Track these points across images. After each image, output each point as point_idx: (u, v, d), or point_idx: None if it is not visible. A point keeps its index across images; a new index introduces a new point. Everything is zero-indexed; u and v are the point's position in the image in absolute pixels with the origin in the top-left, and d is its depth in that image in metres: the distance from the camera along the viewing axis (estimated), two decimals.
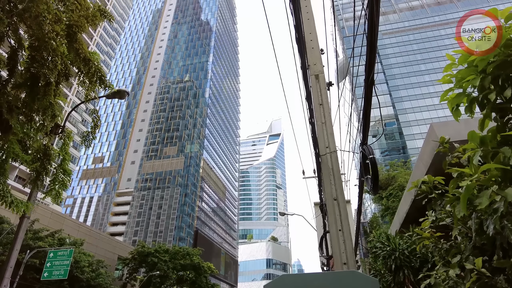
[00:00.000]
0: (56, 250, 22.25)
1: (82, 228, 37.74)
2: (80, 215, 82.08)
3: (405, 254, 8.27)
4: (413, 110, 69.81)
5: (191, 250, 38.03)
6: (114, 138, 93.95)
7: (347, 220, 3.82)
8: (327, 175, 4.07)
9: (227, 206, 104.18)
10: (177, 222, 72.74)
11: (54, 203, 7.87)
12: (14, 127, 6.22)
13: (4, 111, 6.21)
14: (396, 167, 30.77)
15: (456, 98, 3.42)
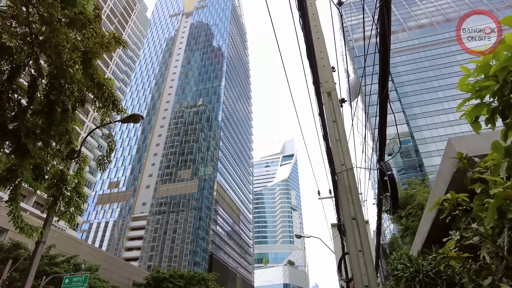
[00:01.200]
0: (71, 276, 22.21)
1: (98, 253, 37.74)
2: (95, 240, 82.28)
3: (430, 276, 7.82)
4: (428, 127, 68.67)
5: (206, 275, 37.34)
6: (129, 162, 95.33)
7: (367, 240, 3.65)
8: (344, 194, 3.94)
9: (241, 229, 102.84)
10: (192, 247, 71.96)
11: (68, 226, 7.90)
12: (32, 150, 6.34)
13: (22, 135, 6.36)
14: (414, 185, 29.92)
15: (476, 109, 3.29)
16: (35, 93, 7.41)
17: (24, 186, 29.48)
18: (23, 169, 6.56)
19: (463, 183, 7.17)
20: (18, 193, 6.71)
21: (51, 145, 8.00)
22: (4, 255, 23.01)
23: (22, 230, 6.48)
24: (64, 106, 6.58)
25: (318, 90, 4.75)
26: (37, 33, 7.71)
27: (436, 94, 71.44)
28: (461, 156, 4.08)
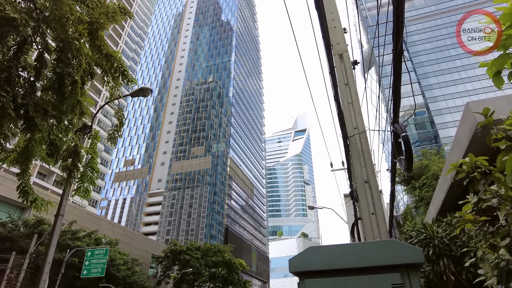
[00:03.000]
0: (93, 249, 23.18)
1: (117, 228, 39.13)
2: (114, 216, 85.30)
3: (445, 242, 7.77)
4: (445, 98, 66.67)
5: (222, 247, 38.42)
6: (143, 141, 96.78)
7: (380, 202, 3.57)
8: (357, 157, 3.83)
9: (255, 203, 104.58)
10: (208, 220, 73.90)
11: (83, 198, 8.09)
12: (39, 124, 6.39)
13: (30, 109, 6.40)
14: (429, 156, 29.40)
15: (498, 60, 3.06)
16: (42, 67, 7.40)
17: (43, 165, 30.23)
18: (34, 143, 6.64)
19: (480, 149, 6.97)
20: (28, 168, 6.83)
21: (63, 121, 8.07)
22: (29, 231, 24.09)
23: (33, 203, 6.65)
24: (72, 78, 6.55)
25: (329, 52, 4.55)
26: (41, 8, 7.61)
27: (453, 63, 68.80)
28: (487, 112, 3.88)
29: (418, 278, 1.76)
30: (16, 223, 24.78)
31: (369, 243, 1.97)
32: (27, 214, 27.86)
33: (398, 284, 1.75)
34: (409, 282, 1.77)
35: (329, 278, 1.88)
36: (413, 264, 1.79)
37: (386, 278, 1.79)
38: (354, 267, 1.87)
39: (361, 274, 1.83)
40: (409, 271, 1.78)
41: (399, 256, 1.81)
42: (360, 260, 1.87)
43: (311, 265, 1.94)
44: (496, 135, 3.65)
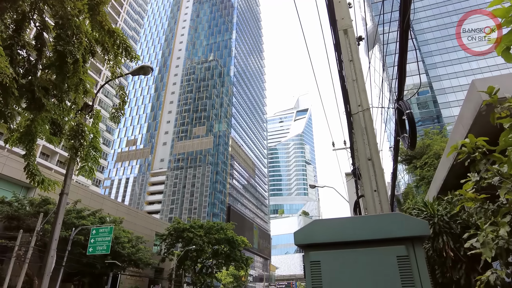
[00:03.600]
0: (98, 228, 23.65)
1: (121, 207, 39.73)
2: (118, 196, 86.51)
3: (445, 220, 7.87)
4: (449, 77, 65.68)
5: (224, 225, 39.09)
6: (145, 120, 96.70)
7: (382, 179, 3.59)
8: (360, 135, 3.83)
9: (257, 183, 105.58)
10: (210, 199, 74.92)
11: (87, 177, 8.18)
12: (47, 105, 6.37)
13: (36, 90, 6.36)
14: (431, 135, 29.37)
15: (507, 37, 3.00)
16: (43, 46, 7.30)
17: (46, 145, 30.52)
18: (37, 123, 6.64)
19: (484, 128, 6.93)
20: (33, 149, 6.86)
21: (65, 100, 8.04)
22: (35, 209, 24.51)
23: (41, 184, 6.72)
24: (74, 57, 6.47)
25: (334, 28, 4.45)
26: None
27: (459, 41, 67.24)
28: (491, 90, 3.84)
29: (423, 250, 1.79)
30: (22, 202, 25.18)
31: (374, 216, 1.99)
32: (32, 193, 28.26)
33: (403, 256, 1.78)
34: (414, 254, 1.79)
35: (334, 251, 1.91)
36: (418, 237, 1.81)
37: (391, 250, 1.81)
38: (359, 240, 1.89)
39: (366, 246, 1.86)
40: (414, 244, 1.81)
41: (405, 229, 1.83)
42: (365, 233, 1.89)
43: (316, 237, 1.97)
44: (500, 114, 3.62)
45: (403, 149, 27.43)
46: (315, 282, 1.88)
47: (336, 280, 1.85)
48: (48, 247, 7.79)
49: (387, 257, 1.80)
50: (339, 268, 1.87)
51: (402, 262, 1.77)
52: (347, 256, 1.89)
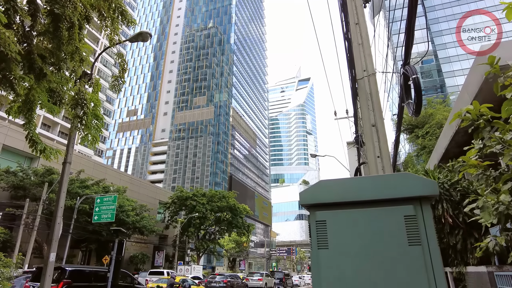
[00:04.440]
0: (102, 196, 24.13)
1: (124, 176, 40.30)
2: (120, 166, 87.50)
3: (445, 187, 7.95)
4: (455, 44, 63.84)
5: (226, 193, 39.82)
6: (144, 90, 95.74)
7: (386, 145, 3.57)
8: (365, 100, 3.75)
9: (258, 153, 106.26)
10: (212, 169, 75.79)
11: (90, 146, 8.19)
12: (48, 74, 6.24)
13: (36, 58, 6.21)
14: (434, 105, 29.10)
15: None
16: (37, 13, 7.04)
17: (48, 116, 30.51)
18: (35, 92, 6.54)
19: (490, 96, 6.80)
20: (32, 117, 6.79)
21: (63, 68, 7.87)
22: (40, 179, 24.91)
23: (43, 153, 6.72)
24: (70, 22, 6.25)
25: None
26: None
27: (468, 6, 64.81)
28: (492, 61, 3.72)
29: (431, 210, 1.79)
30: (26, 172, 25.54)
31: (382, 176, 1.98)
32: (36, 163, 28.59)
33: (410, 216, 1.78)
34: (422, 213, 1.80)
35: (340, 210, 1.92)
36: (427, 197, 1.81)
37: (399, 210, 1.81)
38: (366, 200, 1.89)
39: (373, 206, 1.86)
40: (422, 203, 1.81)
41: (413, 188, 1.82)
42: (372, 192, 1.88)
43: (322, 197, 1.97)
44: (503, 83, 3.52)
45: (405, 118, 27.29)
46: (320, 241, 1.89)
47: (342, 239, 1.86)
48: (54, 214, 7.97)
49: (394, 217, 1.81)
50: (345, 227, 1.88)
51: (409, 222, 1.77)
52: (354, 216, 1.89)
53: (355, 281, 1.80)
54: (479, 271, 6.87)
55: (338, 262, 1.83)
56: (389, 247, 1.79)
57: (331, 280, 1.81)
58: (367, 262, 1.81)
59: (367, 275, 1.80)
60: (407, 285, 1.70)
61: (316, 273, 1.86)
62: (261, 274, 29.55)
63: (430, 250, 1.75)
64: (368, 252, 1.82)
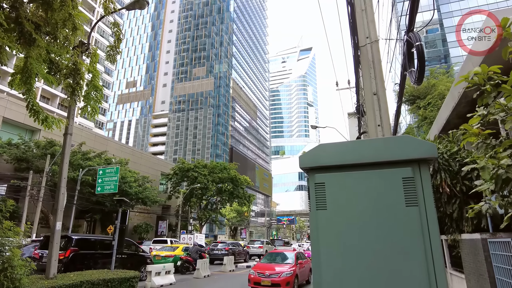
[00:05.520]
0: (104, 168, 24.40)
1: (125, 148, 40.51)
2: (121, 138, 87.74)
3: (444, 158, 7.99)
4: (461, 13, 61.72)
5: (227, 165, 40.23)
6: (143, 61, 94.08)
7: (387, 114, 3.55)
8: (367, 68, 3.69)
9: (259, 125, 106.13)
10: (213, 141, 76.05)
11: (91, 117, 8.17)
12: (38, 40, 6.10)
13: (24, 22, 6.05)
14: (436, 75, 28.65)
15: None
16: None
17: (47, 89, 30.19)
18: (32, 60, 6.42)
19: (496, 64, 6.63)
20: (32, 86, 6.71)
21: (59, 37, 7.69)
22: (42, 152, 25.07)
23: (44, 122, 6.70)
24: None
25: None
26: None
27: None
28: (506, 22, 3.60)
29: (429, 172, 1.82)
30: (28, 144, 25.66)
31: (381, 139, 1.98)
32: (37, 136, 28.66)
33: (408, 178, 1.80)
34: (420, 176, 1.82)
35: (339, 172, 1.94)
36: (425, 159, 1.83)
37: (397, 172, 1.83)
38: (365, 162, 1.91)
39: (372, 169, 1.88)
40: (421, 166, 1.83)
41: (412, 151, 1.83)
42: (371, 155, 1.90)
43: (322, 160, 1.99)
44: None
45: (407, 89, 26.96)
46: (319, 202, 1.93)
47: (340, 200, 1.90)
48: (58, 185, 8.10)
49: (392, 179, 1.83)
50: (343, 189, 1.92)
51: (407, 184, 1.80)
52: (352, 178, 1.92)
53: (352, 240, 1.86)
54: (473, 238, 7.04)
55: (336, 222, 1.88)
56: (386, 208, 1.83)
57: (328, 239, 1.87)
58: (364, 222, 1.86)
59: (363, 234, 1.85)
60: (402, 244, 1.76)
61: (314, 233, 1.91)
62: (262, 242, 30.48)
63: (427, 210, 1.78)
64: (366, 213, 1.86)
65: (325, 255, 1.85)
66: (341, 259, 1.83)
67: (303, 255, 13.78)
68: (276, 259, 12.66)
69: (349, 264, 1.83)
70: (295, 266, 11.54)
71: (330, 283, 1.83)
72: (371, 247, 1.82)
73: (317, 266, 1.87)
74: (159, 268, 12.30)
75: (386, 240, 1.80)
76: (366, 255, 1.82)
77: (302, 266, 12.36)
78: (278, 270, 11.08)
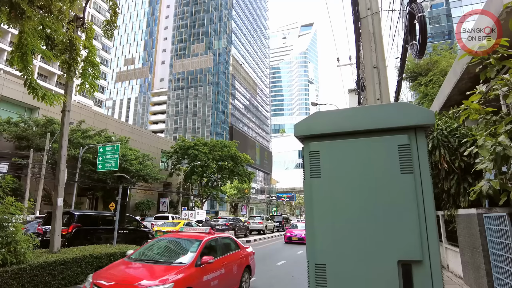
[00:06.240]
0: (104, 146, 24.44)
1: (125, 126, 40.45)
2: (121, 116, 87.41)
3: (444, 134, 7.98)
4: None
5: (227, 143, 40.30)
6: (141, 38, 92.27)
7: (387, 88, 3.50)
8: (367, 41, 3.60)
9: (259, 103, 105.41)
10: (213, 119, 75.82)
11: (89, 94, 8.09)
12: (27, 11, 5.94)
13: None
14: (440, 51, 28.09)
15: None
16: None
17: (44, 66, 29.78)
18: (27, 35, 6.28)
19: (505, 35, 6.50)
20: (29, 62, 6.60)
21: (53, 11, 7.49)
22: (42, 130, 25.04)
23: (42, 98, 6.64)
24: None
25: None
26: None
27: None
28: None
29: (425, 139, 1.80)
30: (28, 122, 25.59)
31: (377, 106, 1.95)
32: (36, 114, 28.53)
33: (404, 145, 1.79)
34: (416, 143, 1.80)
35: (334, 141, 1.93)
36: (422, 126, 1.80)
37: (393, 139, 1.82)
38: (361, 130, 1.89)
39: (368, 136, 1.87)
40: (417, 132, 1.80)
41: (409, 118, 1.81)
42: (367, 122, 1.88)
43: (317, 128, 1.97)
44: None
45: (408, 65, 26.53)
46: (313, 171, 1.93)
47: (335, 168, 1.90)
48: (58, 162, 8.14)
49: (387, 146, 1.82)
50: (338, 157, 1.91)
51: (403, 151, 1.79)
52: (347, 146, 1.91)
53: (346, 207, 1.87)
54: (469, 213, 7.15)
55: (330, 189, 1.89)
56: (381, 175, 1.82)
57: (322, 206, 1.89)
58: (358, 189, 1.86)
59: (357, 201, 1.86)
60: (397, 211, 1.78)
61: (308, 201, 1.92)
62: (262, 218, 31.00)
63: (422, 177, 1.78)
64: (360, 180, 1.86)
65: (318, 222, 1.87)
66: (335, 226, 1.85)
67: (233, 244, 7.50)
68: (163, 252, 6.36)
69: (343, 231, 1.85)
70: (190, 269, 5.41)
71: (324, 251, 1.85)
72: (365, 213, 1.83)
73: (311, 234, 1.89)
74: None
75: (380, 207, 1.81)
76: (360, 221, 1.83)
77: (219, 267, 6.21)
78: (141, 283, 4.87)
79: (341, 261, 1.81)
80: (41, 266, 6.31)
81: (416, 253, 1.69)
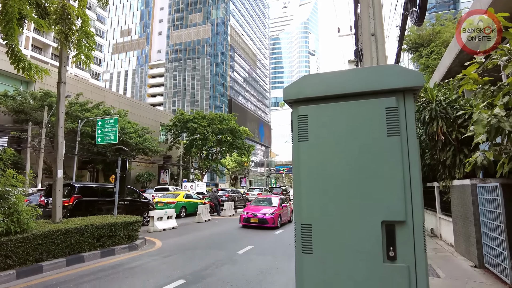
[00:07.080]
0: (103, 119, 24.34)
1: (123, 99, 40.10)
2: (118, 89, 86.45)
3: (442, 105, 7.93)
4: None
5: (227, 116, 40.13)
6: (137, 8, 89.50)
7: (384, 57, 3.44)
8: (366, 8, 3.49)
9: (258, 76, 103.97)
10: (211, 92, 75.06)
11: (85, 65, 7.93)
12: None
13: None
14: (443, 21, 27.33)
15: None
16: None
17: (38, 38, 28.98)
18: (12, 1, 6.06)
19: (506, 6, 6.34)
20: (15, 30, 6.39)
21: None
22: (39, 103, 24.83)
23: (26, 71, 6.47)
24: None
25: None
26: None
27: None
28: None
29: (413, 102, 1.80)
30: (24, 96, 25.33)
31: (367, 68, 1.93)
32: (33, 87, 28.18)
33: (392, 108, 1.79)
34: (404, 105, 1.80)
35: (322, 104, 1.92)
36: (410, 88, 1.80)
37: (381, 102, 1.81)
38: (349, 93, 1.88)
39: (356, 99, 1.87)
40: (406, 95, 1.80)
41: (397, 80, 1.80)
42: (356, 85, 1.87)
43: (306, 92, 1.96)
44: None
45: (410, 36, 25.92)
46: (301, 134, 1.94)
47: (322, 131, 1.91)
48: (55, 134, 8.13)
49: (375, 109, 1.82)
50: (326, 120, 1.91)
51: (390, 113, 1.79)
52: (335, 109, 1.91)
53: (332, 169, 1.90)
54: (463, 184, 7.26)
55: (317, 152, 1.91)
56: (368, 138, 1.84)
57: (309, 169, 1.91)
58: (345, 152, 1.88)
59: (344, 164, 1.88)
60: (383, 173, 1.81)
61: (296, 164, 1.94)
62: (260, 190, 31.49)
63: (408, 140, 1.80)
64: (347, 143, 1.88)
65: (305, 185, 1.90)
66: (321, 188, 1.88)
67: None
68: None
69: (329, 193, 1.88)
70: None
71: (310, 212, 1.90)
72: (351, 176, 1.86)
73: (298, 196, 1.93)
74: (161, 213, 12.83)
75: (366, 169, 1.83)
76: (346, 183, 1.87)
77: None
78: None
79: (326, 221, 1.86)
80: (44, 235, 6.47)
81: (399, 214, 1.73)
